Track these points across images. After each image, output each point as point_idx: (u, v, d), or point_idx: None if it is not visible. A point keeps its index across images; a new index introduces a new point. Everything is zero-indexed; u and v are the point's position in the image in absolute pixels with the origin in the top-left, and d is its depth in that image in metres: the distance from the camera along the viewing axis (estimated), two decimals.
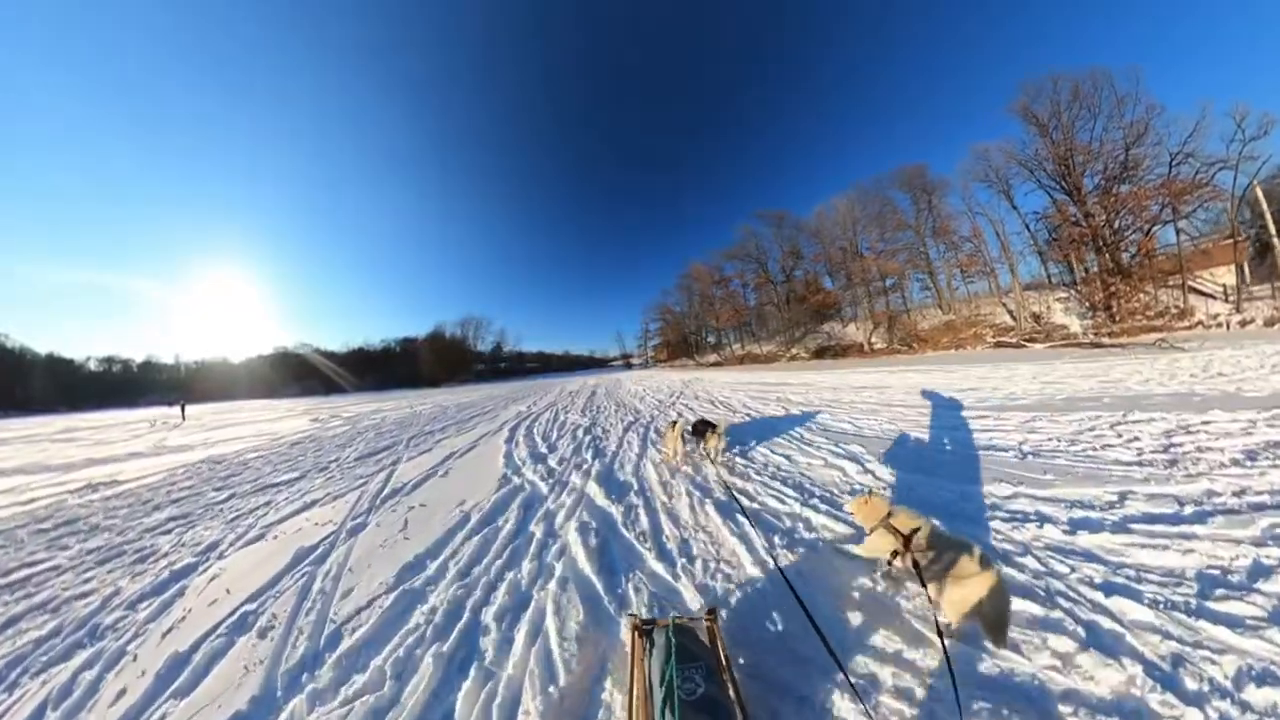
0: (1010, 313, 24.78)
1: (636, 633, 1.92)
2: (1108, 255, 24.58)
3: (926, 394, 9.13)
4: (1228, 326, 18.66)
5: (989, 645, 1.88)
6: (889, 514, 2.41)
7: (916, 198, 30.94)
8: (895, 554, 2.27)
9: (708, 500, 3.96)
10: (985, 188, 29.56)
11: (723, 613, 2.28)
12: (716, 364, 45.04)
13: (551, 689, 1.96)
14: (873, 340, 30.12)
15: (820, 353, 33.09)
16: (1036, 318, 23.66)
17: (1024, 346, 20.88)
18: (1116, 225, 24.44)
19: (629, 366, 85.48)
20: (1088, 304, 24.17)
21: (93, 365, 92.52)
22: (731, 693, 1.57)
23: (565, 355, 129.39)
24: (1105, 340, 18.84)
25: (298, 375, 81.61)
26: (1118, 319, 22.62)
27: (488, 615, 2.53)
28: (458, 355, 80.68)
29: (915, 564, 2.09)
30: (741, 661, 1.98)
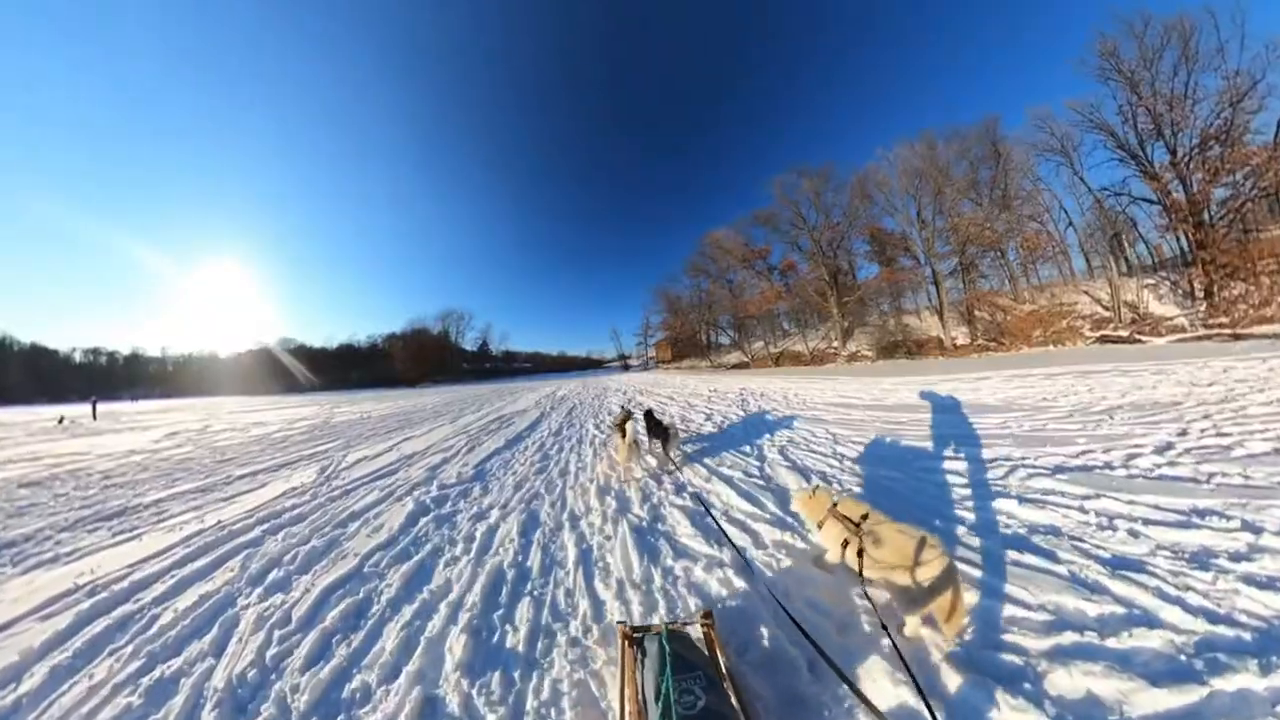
0: (1101, 302, 20.11)
1: (627, 641, 1.79)
2: (1209, 231, 20.05)
3: None
4: None
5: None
6: (835, 504, 2.44)
7: (987, 158, 25.44)
8: (846, 543, 2.22)
9: None
10: (1045, 159, 25.00)
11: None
12: (741, 365, 35.81)
13: None
14: (954, 335, 23.70)
15: (889, 350, 25.25)
16: (1133, 307, 19.06)
17: (1139, 341, 16.30)
18: (1224, 196, 19.95)
19: (626, 368, 73.94)
20: (1185, 290, 19.71)
21: (78, 357, 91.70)
22: (735, 703, 1.42)
23: (560, 356, 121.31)
24: (1251, 332, 14.32)
25: (283, 372, 78.66)
26: (1221, 309, 18.28)
27: None
28: (437, 354, 74.22)
29: (860, 552, 2.10)
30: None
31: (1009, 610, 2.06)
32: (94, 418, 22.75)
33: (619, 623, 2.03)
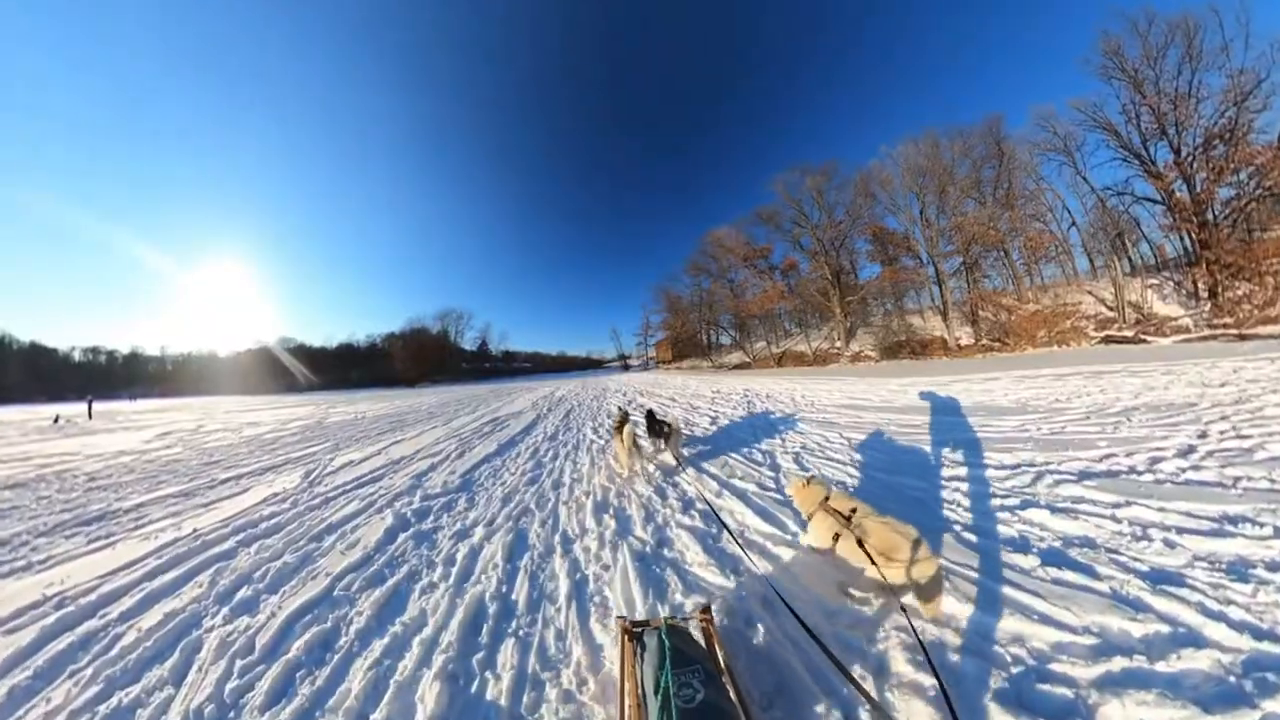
0: (1105, 302, 19.92)
1: (626, 636, 1.80)
2: (1213, 231, 19.89)
3: None
4: None
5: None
6: (827, 497, 2.50)
7: (990, 157, 25.21)
8: (838, 536, 2.27)
9: None
10: (1048, 159, 24.85)
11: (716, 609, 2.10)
12: (743, 366, 35.42)
13: None
14: (958, 335, 23.48)
15: (893, 351, 25.09)
16: (1137, 307, 18.90)
17: (1144, 342, 16.12)
18: (1228, 195, 19.79)
19: (626, 368, 73.54)
20: (1189, 290, 19.55)
21: (77, 356, 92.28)
22: (733, 696, 1.45)
23: (560, 356, 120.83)
24: (1256, 332, 14.15)
25: (282, 371, 78.70)
26: (1226, 309, 18.13)
27: None
28: (436, 354, 73.82)
29: (859, 541, 2.13)
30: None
31: (1055, 635, 1.90)
32: (89, 417, 22.78)
33: (619, 618, 2.04)
